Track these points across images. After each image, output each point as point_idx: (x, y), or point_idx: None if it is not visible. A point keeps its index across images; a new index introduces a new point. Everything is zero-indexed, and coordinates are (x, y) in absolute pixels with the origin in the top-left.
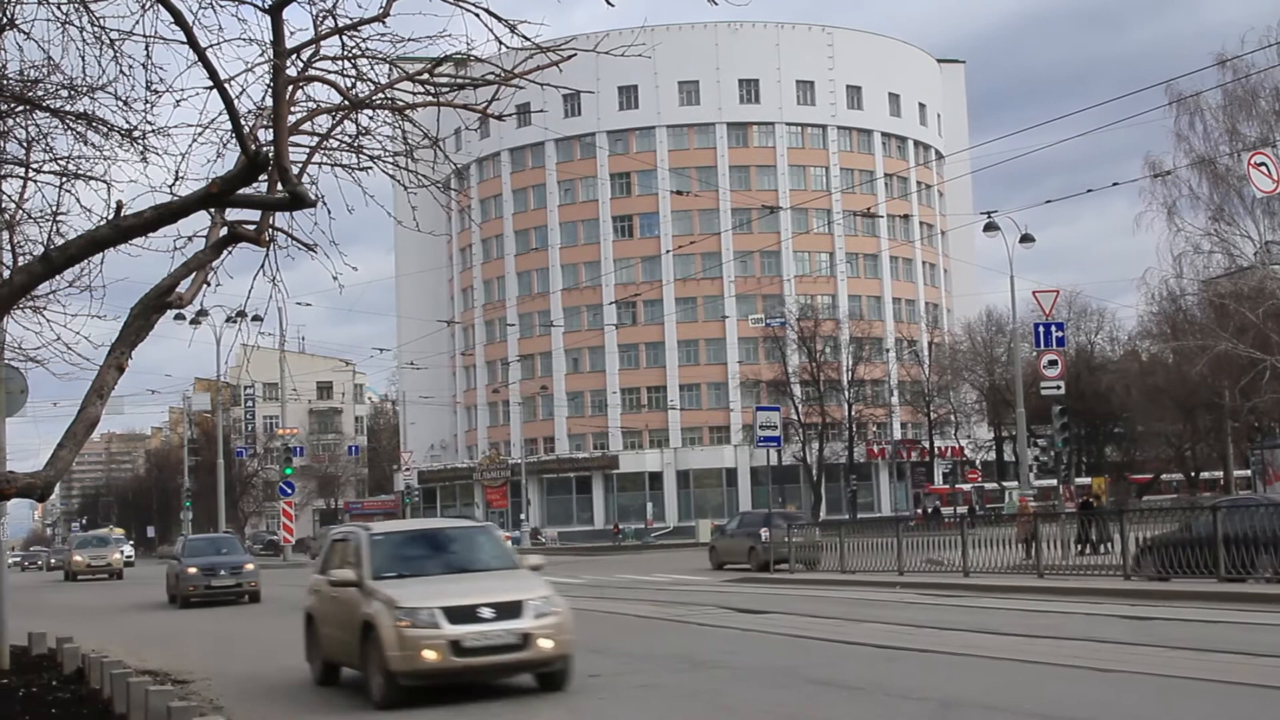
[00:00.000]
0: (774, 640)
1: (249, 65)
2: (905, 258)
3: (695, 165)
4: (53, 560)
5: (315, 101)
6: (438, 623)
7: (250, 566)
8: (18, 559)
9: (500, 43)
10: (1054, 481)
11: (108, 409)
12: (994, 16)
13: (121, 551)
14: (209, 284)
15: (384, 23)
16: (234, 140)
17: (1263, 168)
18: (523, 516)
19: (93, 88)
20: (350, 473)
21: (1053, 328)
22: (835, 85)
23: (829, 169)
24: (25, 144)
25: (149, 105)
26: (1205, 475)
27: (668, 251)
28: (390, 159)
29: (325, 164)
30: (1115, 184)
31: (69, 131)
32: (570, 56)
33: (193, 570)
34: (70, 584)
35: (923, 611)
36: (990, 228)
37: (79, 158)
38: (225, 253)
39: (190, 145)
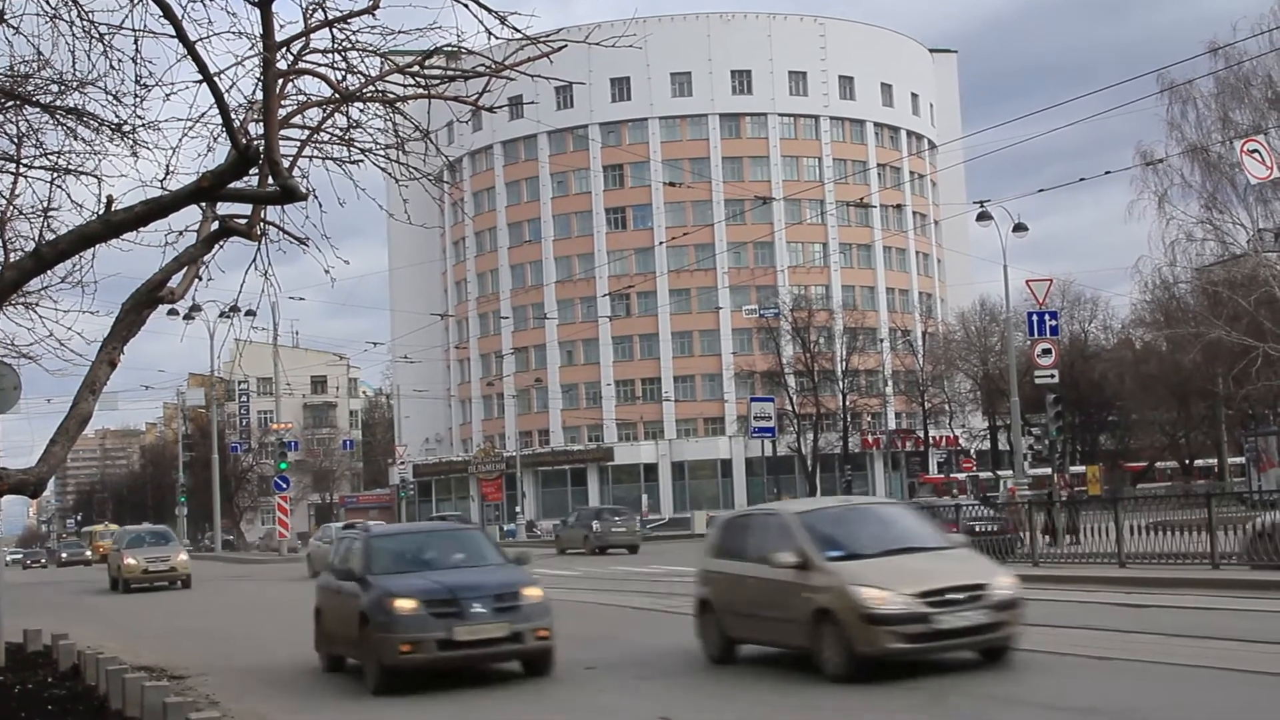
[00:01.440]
0: None
1: (239, 59)
2: (899, 248)
3: (688, 156)
4: (64, 555)
5: (306, 95)
6: None
7: (534, 594)
8: (18, 556)
9: (491, 34)
10: (1049, 470)
11: (101, 405)
12: (990, 6)
13: (187, 551)
14: (201, 279)
15: (374, 15)
16: (224, 134)
17: (1256, 154)
18: (518, 509)
19: (83, 82)
20: (345, 467)
21: (1046, 316)
22: (827, 76)
23: (822, 159)
24: (15, 139)
25: (139, 100)
26: (1199, 463)
27: (661, 243)
28: (381, 152)
29: (316, 157)
30: (1108, 172)
31: (59, 127)
32: (561, 48)
33: (408, 607)
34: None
35: None
36: (983, 217)
37: (69, 153)
38: (217, 247)
39: (181, 139)
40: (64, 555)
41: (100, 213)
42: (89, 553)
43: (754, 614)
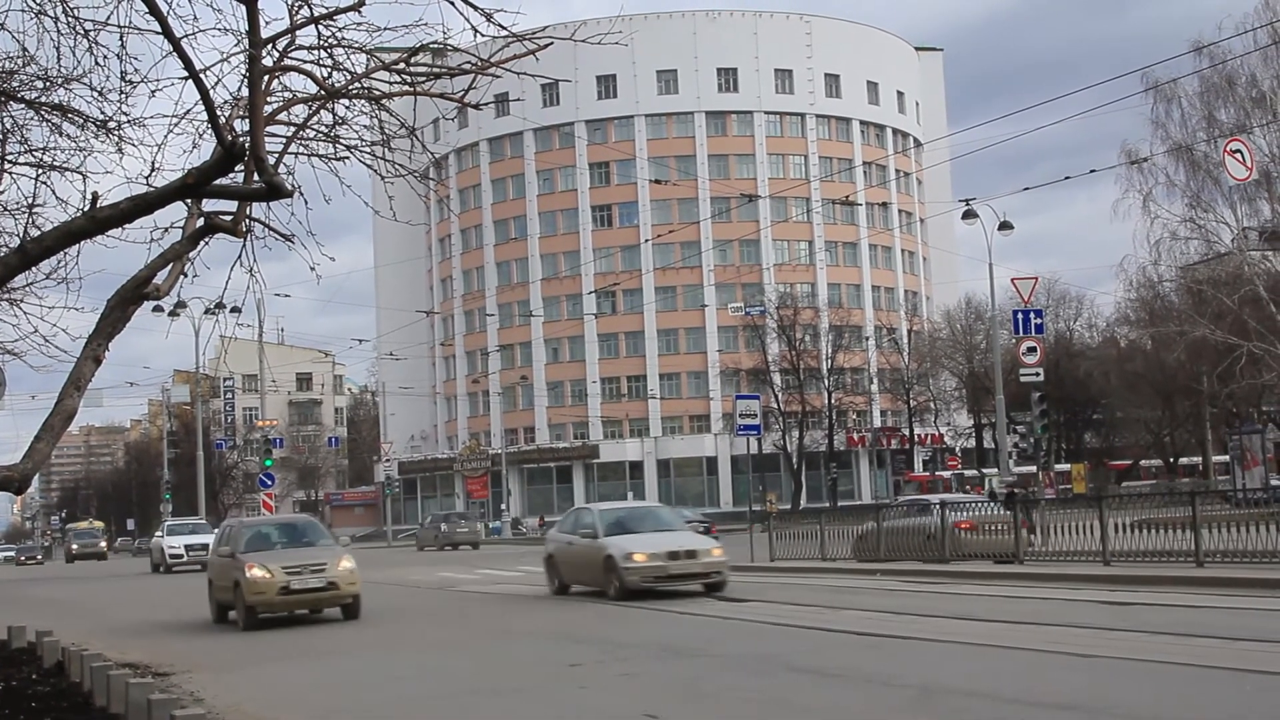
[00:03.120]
0: (754, 628)
1: (224, 55)
2: (884, 246)
3: (674, 154)
4: (74, 547)
5: (291, 91)
6: None
7: None
8: (12, 552)
9: (477, 32)
10: (1034, 468)
11: (86, 401)
12: (977, 5)
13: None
14: (186, 275)
15: (360, 12)
16: (210, 131)
17: (1238, 155)
18: (503, 507)
19: (68, 79)
20: (330, 464)
21: (1031, 314)
22: (813, 74)
23: (807, 157)
24: (0, 136)
25: (124, 96)
26: (1184, 461)
27: (647, 241)
28: (367, 149)
29: (302, 154)
30: (1093, 171)
31: (44, 123)
32: (547, 45)
33: None
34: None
35: (903, 598)
36: (969, 215)
37: (54, 149)
38: (202, 244)
39: (166, 136)
40: (74, 547)
41: (86, 209)
42: (103, 543)
43: None
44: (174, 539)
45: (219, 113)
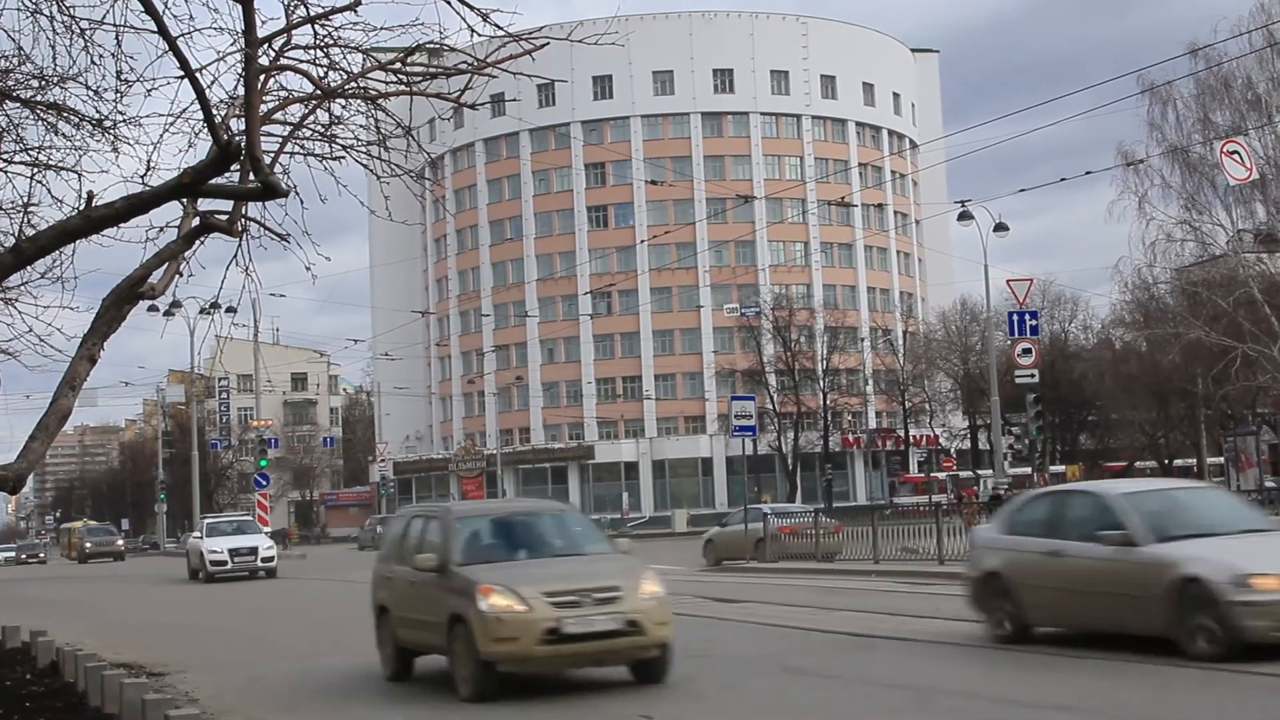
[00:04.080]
0: (751, 629)
1: (220, 54)
2: (880, 247)
3: (670, 155)
4: (88, 545)
5: (287, 91)
6: None
7: None
8: (11, 552)
9: (473, 31)
10: (1029, 469)
11: (81, 401)
12: (975, 6)
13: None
14: (181, 274)
15: (356, 11)
16: (206, 130)
17: (1235, 156)
18: None
19: (63, 78)
20: (325, 464)
21: (1026, 316)
22: (809, 75)
23: (803, 158)
24: None
25: (120, 95)
26: (1179, 463)
27: (643, 241)
28: (363, 149)
29: (298, 154)
30: (1088, 173)
31: (40, 122)
32: (543, 45)
33: None
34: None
35: (899, 599)
36: (964, 217)
37: (50, 148)
38: (198, 243)
39: (162, 135)
40: (88, 545)
41: (81, 208)
42: (119, 542)
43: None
44: (215, 541)
45: (215, 112)
